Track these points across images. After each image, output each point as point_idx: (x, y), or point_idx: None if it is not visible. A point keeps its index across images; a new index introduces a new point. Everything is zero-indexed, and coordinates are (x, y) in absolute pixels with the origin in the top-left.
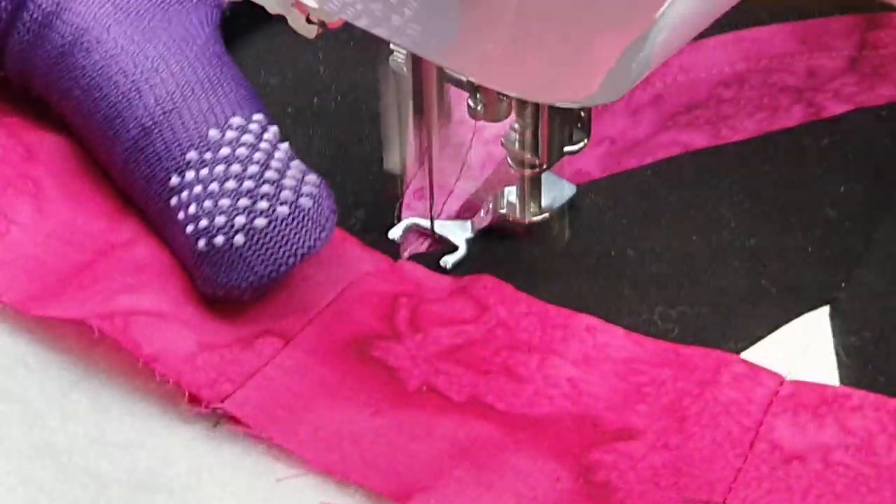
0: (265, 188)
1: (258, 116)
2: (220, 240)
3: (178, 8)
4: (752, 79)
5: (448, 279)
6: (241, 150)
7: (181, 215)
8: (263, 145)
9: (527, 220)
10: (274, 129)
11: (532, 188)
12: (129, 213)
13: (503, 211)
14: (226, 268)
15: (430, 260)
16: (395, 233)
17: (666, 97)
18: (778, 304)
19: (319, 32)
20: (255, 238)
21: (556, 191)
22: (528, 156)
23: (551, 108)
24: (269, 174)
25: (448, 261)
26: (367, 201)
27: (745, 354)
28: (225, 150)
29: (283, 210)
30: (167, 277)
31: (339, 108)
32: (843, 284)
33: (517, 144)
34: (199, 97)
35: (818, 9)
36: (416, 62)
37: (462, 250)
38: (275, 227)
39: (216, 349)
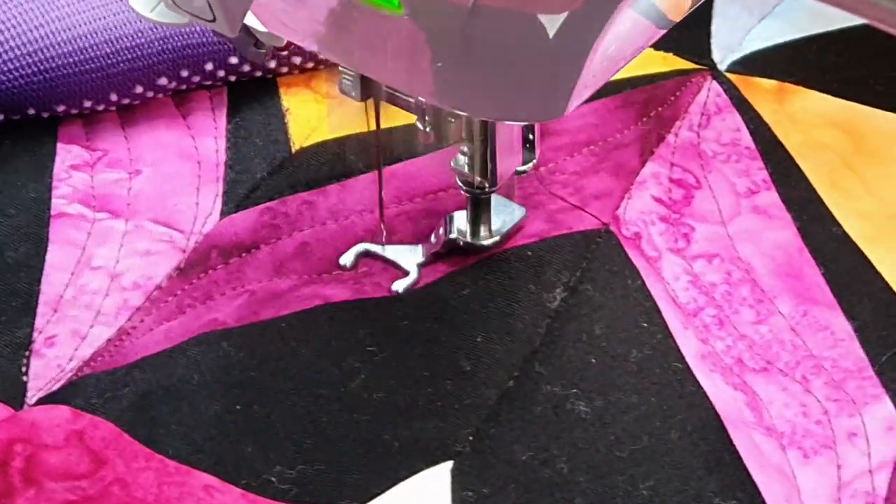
0: None
1: None
2: None
3: None
4: (401, 227)
5: (66, 417)
6: None
7: None
8: None
9: (478, 244)
10: None
11: (482, 211)
12: None
13: (453, 236)
14: None
15: None
16: (346, 258)
17: (312, 247)
18: (400, 459)
19: (269, 56)
20: None
21: (506, 214)
22: (477, 178)
23: (501, 129)
24: None
25: (399, 286)
26: None
27: None
28: None
29: None
30: None
31: None
32: (470, 438)
33: (466, 167)
34: None
35: None
36: (365, 84)
37: (413, 275)
38: None
39: None
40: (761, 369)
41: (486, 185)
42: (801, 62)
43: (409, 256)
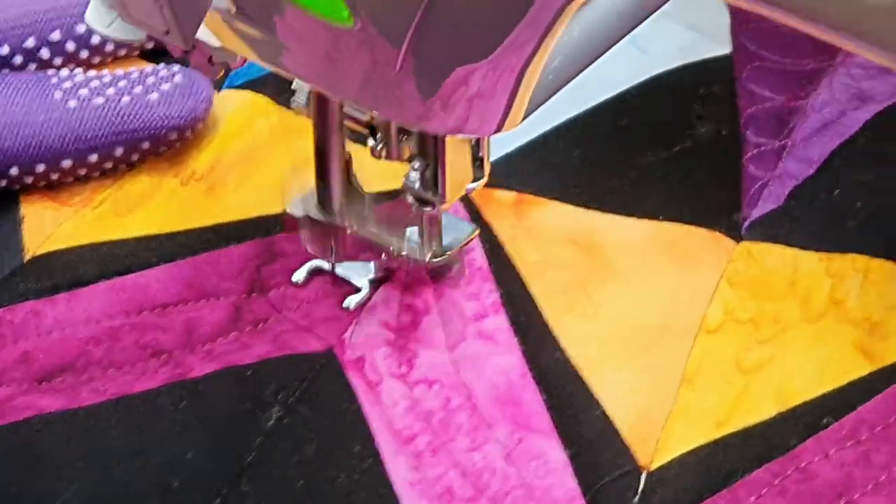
0: None
1: None
2: None
3: None
4: (125, 337)
5: None
6: None
7: None
8: None
9: (428, 261)
10: None
11: (432, 228)
12: None
13: (405, 252)
14: None
15: None
16: (299, 275)
17: (34, 356)
18: None
19: (222, 74)
20: None
21: (457, 231)
22: (428, 194)
23: (451, 146)
24: None
25: (351, 302)
26: None
27: None
28: None
29: None
30: None
31: None
32: None
33: (417, 183)
34: None
35: (216, 236)
36: (319, 101)
37: (365, 292)
38: None
39: None
40: (470, 498)
41: (437, 201)
42: (546, 164)
43: (360, 273)
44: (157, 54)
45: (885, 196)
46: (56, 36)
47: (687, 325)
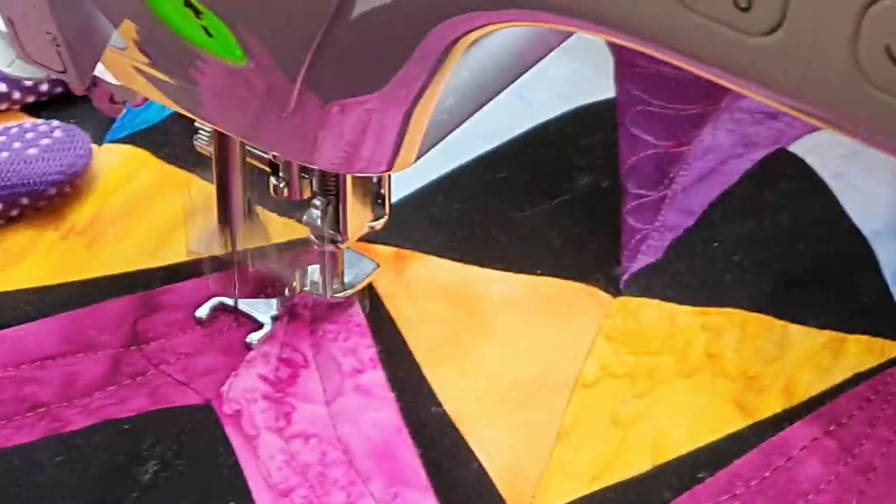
0: None
1: None
2: None
3: None
4: (3, 390)
5: None
6: None
7: None
8: None
9: (329, 298)
10: None
11: (334, 265)
12: None
13: (307, 288)
14: None
15: None
16: (202, 312)
17: None
18: None
19: (124, 112)
20: None
21: (358, 268)
22: (330, 231)
23: (352, 184)
24: None
25: (253, 338)
26: None
27: None
28: None
29: None
30: None
31: None
32: None
33: (319, 221)
34: None
35: (95, 290)
36: (221, 141)
37: (267, 328)
38: None
39: None
40: None
41: (338, 238)
42: (425, 218)
43: (263, 309)
44: (39, 108)
45: (762, 247)
46: None
47: (563, 380)
